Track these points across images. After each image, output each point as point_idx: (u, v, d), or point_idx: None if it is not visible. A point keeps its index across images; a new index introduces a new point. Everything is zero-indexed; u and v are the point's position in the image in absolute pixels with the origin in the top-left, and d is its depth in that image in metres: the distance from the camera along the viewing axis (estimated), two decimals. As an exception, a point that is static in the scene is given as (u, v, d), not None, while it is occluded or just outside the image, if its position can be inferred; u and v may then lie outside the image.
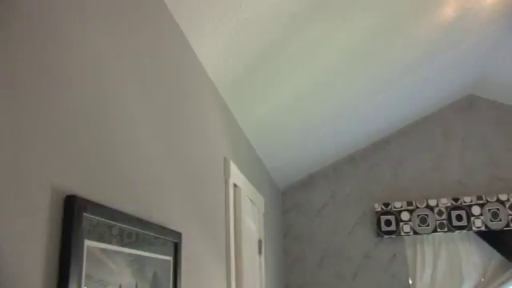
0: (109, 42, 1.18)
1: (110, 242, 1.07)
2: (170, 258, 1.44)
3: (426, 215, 4.06)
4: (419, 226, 4.04)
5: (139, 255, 1.23)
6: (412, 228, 4.05)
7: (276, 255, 3.79)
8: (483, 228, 4.00)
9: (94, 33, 1.11)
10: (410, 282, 4.11)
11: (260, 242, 2.98)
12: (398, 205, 4.10)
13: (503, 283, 3.97)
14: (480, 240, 4.09)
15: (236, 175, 2.36)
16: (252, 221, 2.75)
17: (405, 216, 4.07)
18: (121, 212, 1.12)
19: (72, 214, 0.90)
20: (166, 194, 1.48)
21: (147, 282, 1.26)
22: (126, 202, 1.19)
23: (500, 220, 3.98)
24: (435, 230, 4.04)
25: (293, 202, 4.41)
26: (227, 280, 2.11)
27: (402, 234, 4.06)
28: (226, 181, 2.21)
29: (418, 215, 4.07)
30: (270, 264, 3.40)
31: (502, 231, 3.99)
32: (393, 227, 4.08)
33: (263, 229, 3.10)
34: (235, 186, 2.34)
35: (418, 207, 4.08)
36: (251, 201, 2.74)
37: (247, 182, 2.64)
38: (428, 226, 4.04)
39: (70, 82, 0.98)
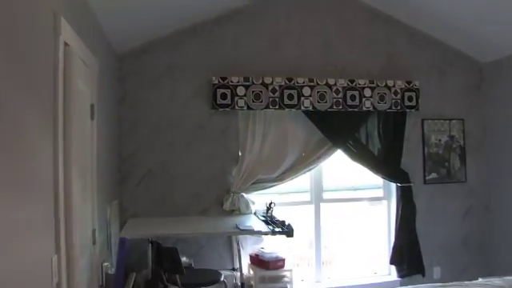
0: None
1: None
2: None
3: (261, 92, 4.22)
4: (253, 101, 4.20)
5: None
6: (246, 103, 4.20)
7: (110, 121, 3.70)
8: (311, 108, 4.30)
9: None
10: (240, 153, 4.34)
11: (92, 106, 2.85)
12: (234, 79, 4.19)
13: (319, 158, 4.44)
14: (306, 119, 4.40)
15: (68, 33, 2.16)
16: (84, 84, 2.60)
17: (240, 91, 4.19)
18: None
19: None
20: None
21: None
22: None
23: (326, 102, 4.31)
24: (268, 107, 4.24)
25: (130, 69, 4.25)
26: (54, 144, 2.00)
27: (237, 107, 4.20)
28: (56, 38, 2.02)
29: (253, 91, 4.21)
30: (103, 130, 3.31)
31: (325, 112, 4.33)
32: (228, 101, 4.19)
33: (96, 93, 2.96)
34: (66, 44, 2.15)
35: (253, 83, 4.21)
36: (84, 62, 2.57)
37: (80, 42, 2.44)
38: (261, 102, 4.22)
39: None
